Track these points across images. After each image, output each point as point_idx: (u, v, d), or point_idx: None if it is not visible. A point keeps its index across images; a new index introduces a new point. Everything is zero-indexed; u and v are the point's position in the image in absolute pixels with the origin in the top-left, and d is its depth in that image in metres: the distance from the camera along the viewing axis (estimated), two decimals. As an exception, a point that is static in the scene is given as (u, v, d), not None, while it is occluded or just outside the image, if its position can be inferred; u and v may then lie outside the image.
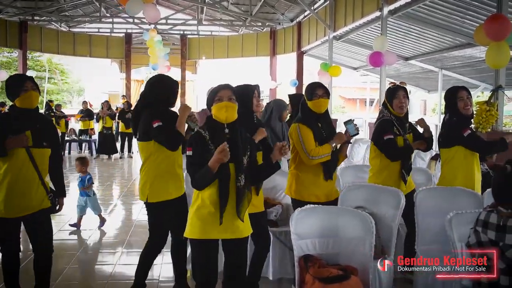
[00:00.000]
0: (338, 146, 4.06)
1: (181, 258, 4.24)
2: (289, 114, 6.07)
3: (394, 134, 4.32)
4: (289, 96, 6.27)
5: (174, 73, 23.33)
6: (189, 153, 2.99)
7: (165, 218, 3.96)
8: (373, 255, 3.09)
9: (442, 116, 4.73)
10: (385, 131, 4.31)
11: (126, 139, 14.98)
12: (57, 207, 3.79)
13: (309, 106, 4.03)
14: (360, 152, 8.47)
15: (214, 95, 3.07)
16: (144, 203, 3.95)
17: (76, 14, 20.95)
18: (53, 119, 14.08)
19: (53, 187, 3.83)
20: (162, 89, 3.92)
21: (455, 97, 4.33)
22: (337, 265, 3.07)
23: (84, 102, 15.93)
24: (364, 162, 7.58)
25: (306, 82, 21.32)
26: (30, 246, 3.82)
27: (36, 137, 3.51)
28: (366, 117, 21.38)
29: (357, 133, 4.08)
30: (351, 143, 4.18)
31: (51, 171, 3.70)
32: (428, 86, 19.13)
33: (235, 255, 3.13)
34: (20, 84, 3.48)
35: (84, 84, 46.45)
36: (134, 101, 22.09)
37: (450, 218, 3.19)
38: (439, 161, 6.44)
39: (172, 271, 4.36)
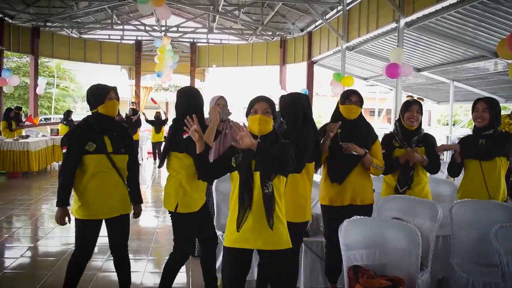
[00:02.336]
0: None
1: (211, 266, 4.28)
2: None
3: (392, 147, 4.40)
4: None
5: (183, 81, 23.44)
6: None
7: (193, 228, 3.99)
8: (419, 266, 3.14)
9: (453, 127, 4.78)
10: (382, 145, 4.37)
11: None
12: (132, 214, 3.95)
13: (340, 110, 4.14)
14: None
15: (251, 107, 3.12)
16: (171, 213, 3.93)
17: (87, 21, 21.07)
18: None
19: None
20: (187, 102, 3.94)
21: (472, 109, 4.43)
22: (384, 275, 3.11)
23: None
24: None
25: (315, 91, 21.44)
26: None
27: (115, 144, 3.71)
28: (374, 127, 21.40)
29: None
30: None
31: (128, 178, 3.86)
32: (438, 97, 19.19)
33: (272, 268, 3.07)
34: (106, 93, 3.69)
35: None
36: (142, 108, 22.25)
37: (495, 231, 3.24)
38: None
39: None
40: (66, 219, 3.69)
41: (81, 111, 42.99)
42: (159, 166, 4.11)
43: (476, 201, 4.23)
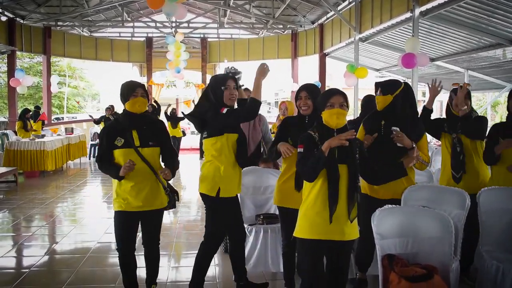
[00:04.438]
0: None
1: (240, 257, 4.30)
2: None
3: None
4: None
5: (195, 76, 23.47)
6: (300, 149, 3.08)
7: (229, 214, 4.06)
8: (452, 254, 3.11)
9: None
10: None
11: None
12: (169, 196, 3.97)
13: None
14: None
15: (327, 100, 3.09)
16: (212, 198, 3.93)
17: (98, 19, 21.12)
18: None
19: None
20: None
21: (510, 98, 4.40)
22: (418, 264, 3.09)
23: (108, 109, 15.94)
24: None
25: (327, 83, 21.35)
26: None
27: (143, 138, 3.77)
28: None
29: None
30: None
31: (166, 162, 3.90)
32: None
33: (339, 258, 3.13)
34: (132, 90, 3.75)
35: (99, 88, 46.66)
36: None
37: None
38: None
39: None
40: (130, 162, 3.62)
41: (91, 110, 43.26)
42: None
43: (504, 188, 4.19)
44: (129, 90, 3.75)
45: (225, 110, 3.85)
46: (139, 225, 3.96)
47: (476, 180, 4.42)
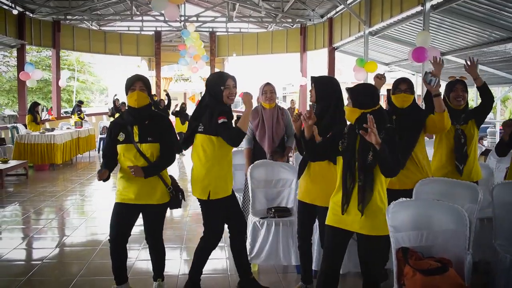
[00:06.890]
0: None
1: (243, 251, 4.29)
2: None
3: None
4: None
5: (203, 71, 23.42)
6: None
7: (223, 213, 4.07)
8: (467, 247, 3.10)
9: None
10: None
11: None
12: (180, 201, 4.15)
13: (392, 100, 4.13)
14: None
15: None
16: (203, 200, 4.01)
17: (107, 13, 21.14)
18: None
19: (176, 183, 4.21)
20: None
21: None
22: (432, 257, 3.07)
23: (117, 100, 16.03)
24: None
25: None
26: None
27: (142, 133, 3.78)
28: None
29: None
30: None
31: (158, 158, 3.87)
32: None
33: (360, 250, 3.19)
34: (130, 84, 3.76)
35: (107, 82, 46.65)
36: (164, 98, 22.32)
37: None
38: (490, 157, 6.46)
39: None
40: (105, 175, 3.70)
41: (99, 104, 43.36)
42: (185, 149, 4.20)
43: (518, 182, 4.18)
44: (128, 84, 3.77)
45: (220, 121, 3.76)
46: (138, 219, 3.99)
47: (471, 170, 4.45)
